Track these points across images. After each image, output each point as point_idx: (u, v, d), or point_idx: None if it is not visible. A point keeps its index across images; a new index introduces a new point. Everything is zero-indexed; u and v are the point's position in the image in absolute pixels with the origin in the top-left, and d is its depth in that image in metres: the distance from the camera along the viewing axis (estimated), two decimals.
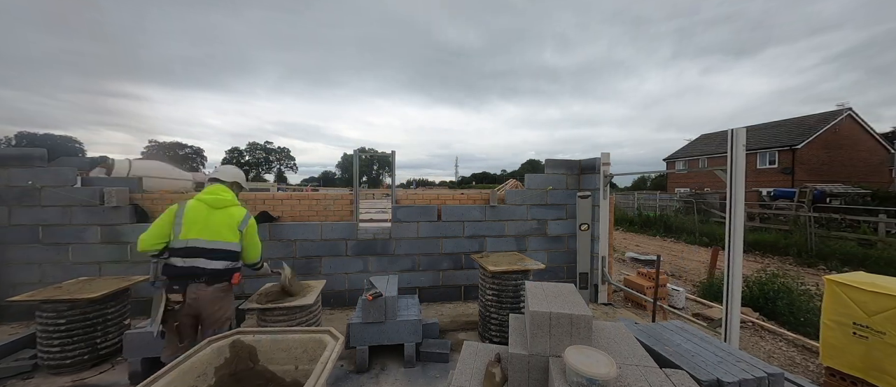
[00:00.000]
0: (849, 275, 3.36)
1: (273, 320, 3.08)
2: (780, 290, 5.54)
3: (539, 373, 1.72)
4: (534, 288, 2.09)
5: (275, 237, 4.67)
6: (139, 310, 4.28)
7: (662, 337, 2.28)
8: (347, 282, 4.83)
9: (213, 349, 1.99)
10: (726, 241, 3.31)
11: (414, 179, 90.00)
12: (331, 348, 2.00)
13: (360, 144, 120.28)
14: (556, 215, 5.34)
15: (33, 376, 3.05)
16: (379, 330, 3.22)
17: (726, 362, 1.94)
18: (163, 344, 2.41)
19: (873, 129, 21.67)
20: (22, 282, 4.14)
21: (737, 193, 3.22)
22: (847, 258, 9.24)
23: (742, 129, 3.23)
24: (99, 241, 4.32)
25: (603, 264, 5.04)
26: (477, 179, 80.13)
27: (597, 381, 1.43)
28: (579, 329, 1.73)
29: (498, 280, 3.63)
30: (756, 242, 11.31)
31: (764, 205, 15.43)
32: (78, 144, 57.57)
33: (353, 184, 5.05)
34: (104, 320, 3.25)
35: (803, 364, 4.09)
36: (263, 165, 75.36)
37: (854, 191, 15.07)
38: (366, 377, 3.09)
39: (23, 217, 4.19)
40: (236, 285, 2.56)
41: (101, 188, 4.32)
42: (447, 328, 4.11)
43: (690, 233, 13.74)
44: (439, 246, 5.04)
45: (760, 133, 23.38)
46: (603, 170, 4.93)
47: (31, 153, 4.25)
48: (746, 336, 4.80)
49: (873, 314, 2.96)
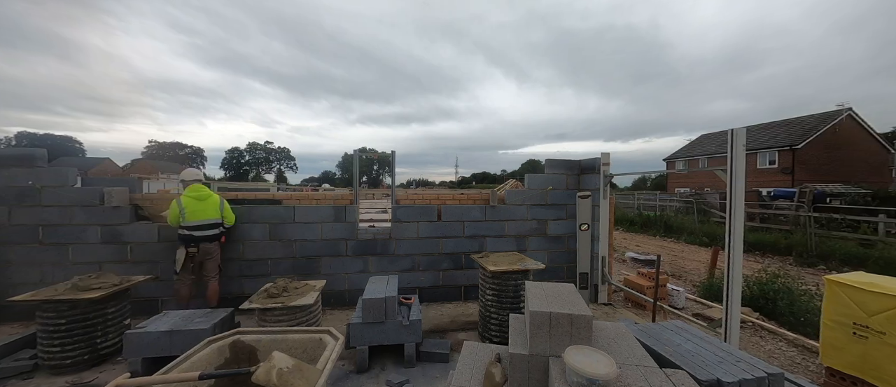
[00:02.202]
0: (849, 275, 3.36)
1: (273, 319, 3.08)
2: (780, 290, 5.54)
3: (539, 373, 1.72)
4: (534, 288, 2.09)
5: (275, 237, 4.67)
6: (139, 310, 4.28)
7: (662, 337, 2.28)
8: (347, 282, 4.83)
9: (213, 349, 1.99)
10: (726, 241, 3.31)
11: (414, 179, 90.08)
12: (331, 347, 2.00)
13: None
14: (556, 215, 5.34)
15: (33, 376, 3.05)
16: (379, 330, 3.22)
17: (726, 362, 1.93)
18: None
19: (873, 129, 21.68)
20: (22, 282, 4.14)
21: (737, 193, 3.22)
22: (847, 258, 9.24)
23: (742, 129, 3.23)
24: (99, 241, 4.32)
25: (603, 264, 5.04)
26: (477, 179, 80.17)
27: (597, 381, 1.43)
28: (579, 329, 1.72)
29: (498, 280, 3.63)
30: (756, 242, 11.31)
31: (764, 205, 15.42)
32: (78, 144, 57.64)
33: (353, 184, 5.05)
34: (104, 320, 3.25)
35: (803, 364, 4.09)
36: (263, 165, 75.39)
37: (854, 191, 15.07)
38: (366, 377, 3.09)
39: (23, 217, 4.19)
40: (224, 243, 4.31)
41: (101, 188, 4.32)
42: (447, 328, 4.11)
43: (690, 233, 13.74)
44: (439, 246, 5.04)
45: (760, 133, 23.38)
46: (603, 170, 4.93)
47: (31, 153, 4.25)
48: (746, 336, 4.80)
49: (873, 314, 2.96)
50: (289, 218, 4.70)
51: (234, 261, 4.58)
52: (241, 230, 4.59)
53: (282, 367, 1.69)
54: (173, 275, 4.00)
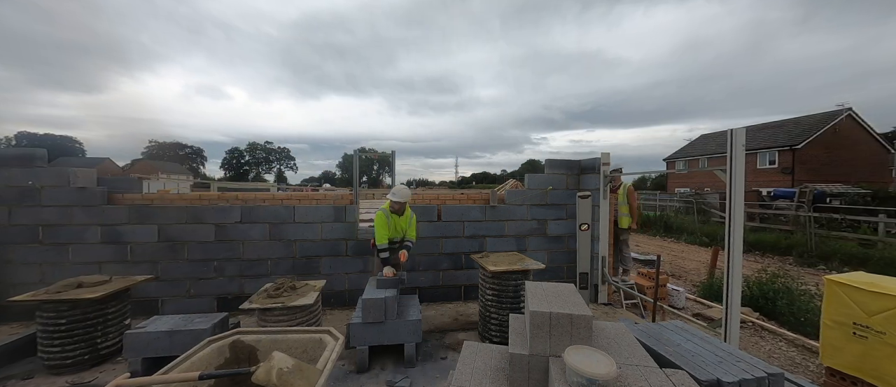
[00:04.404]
0: (849, 275, 3.36)
1: (273, 319, 3.08)
2: (780, 290, 5.55)
3: (539, 373, 1.72)
4: (534, 288, 2.09)
5: (275, 237, 4.67)
6: (139, 310, 4.28)
7: (662, 337, 2.28)
8: (347, 282, 4.83)
9: (213, 349, 1.99)
10: (726, 241, 3.31)
11: (414, 179, 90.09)
12: (331, 347, 2.00)
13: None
14: (556, 215, 5.34)
15: (33, 376, 3.05)
16: (379, 330, 3.22)
17: (726, 362, 1.94)
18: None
19: (873, 129, 21.67)
20: (22, 282, 4.14)
21: (737, 193, 3.22)
22: (847, 258, 9.25)
23: (741, 129, 3.23)
24: (99, 241, 4.32)
25: (603, 264, 5.04)
26: (477, 179, 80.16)
27: (597, 381, 1.43)
28: (579, 329, 1.72)
29: (498, 280, 3.63)
30: (756, 242, 11.31)
31: (764, 205, 15.42)
32: (78, 144, 57.60)
33: (353, 184, 5.05)
34: (104, 320, 3.25)
35: (803, 364, 4.09)
36: (263, 165, 75.36)
37: (854, 191, 15.07)
38: (366, 377, 3.09)
39: (23, 217, 4.19)
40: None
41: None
42: (447, 328, 4.11)
43: (690, 233, 13.74)
44: (439, 246, 5.04)
45: (760, 133, 23.38)
46: (603, 170, 4.93)
47: (31, 153, 4.25)
48: (746, 336, 4.80)
49: (873, 314, 2.96)
50: (289, 218, 4.69)
51: (233, 261, 4.58)
52: (241, 230, 4.59)
53: (282, 367, 1.69)
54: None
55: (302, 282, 3.68)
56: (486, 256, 4.12)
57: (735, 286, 3.23)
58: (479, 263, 3.87)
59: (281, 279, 3.58)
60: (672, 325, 2.49)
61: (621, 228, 5.66)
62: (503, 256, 4.18)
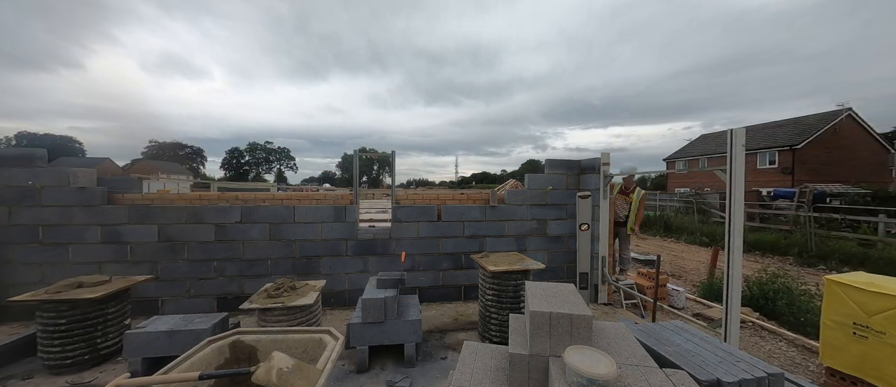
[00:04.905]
0: (849, 275, 3.37)
1: (273, 319, 3.08)
2: (780, 290, 5.55)
3: (539, 373, 1.72)
4: (534, 288, 2.09)
5: (275, 237, 4.67)
6: (139, 310, 4.28)
7: (662, 337, 2.28)
8: (347, 282, 4.83)
9: (213, 349, 2.00)
10: (726, 241, 3.31)
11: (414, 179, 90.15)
12: (331, 347, 2.00)
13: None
14: (557, 215, 5.34)
15: (33, 376, 3.05)
16: (379, 330, 3.22)
17: (726, 362, 1.94)
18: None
19: (873, 129, 21.68)
20: (22, 282, 4.14)
21: (736, 193, 3.22)
22: (847, 258, 9.25)
23: (741, 129, 3.23)
24: (99, 241, 4.32)
25: (603, 264, 5.04)
26: (477, 179, 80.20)
27: (597, 381, 1.43)
28: (579, 329, 1.72)
29: (498, 280, 3.63)
30: (756, 242, 11.31)
31: (764, 205, 15.42)
32: (78, 144, 57.62)
33: (353, 184, 5.05)
34: (104, 320, 3.25)
35: (803, 364, 4.10)
36: (263, 165, 75.39)
37: (854, 191, 15.07)
38: (366, 377, 3.09)
39: (23, 217, 4.19)
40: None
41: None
42: (447, 328, 4.11)
43: (690, 233, 13.74)
44: (439, 246, 5.04)
45: (760, 133, 23.39)
46: (603, 170, 4.93)
47: (31, 153, 4.25)
48: (746, 336, 4.80)
49: (873, 314, 2.96)
50: (289, 218, 4.69)
51: (233, 261, 4.58)
52: (241, 230, 4.59)
53: (282, 367, 1.69)
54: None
55: (302, 282, 3.68)
56: (486, 256, 4.12)
57: (735, 286, 3.23)
58: (479, 263, 3.87)
59: (281, 279, 3.58)
60: (672, 325, 2.49)
61: (625, 229, 5.70)
62: (503, 256, 4.18)
